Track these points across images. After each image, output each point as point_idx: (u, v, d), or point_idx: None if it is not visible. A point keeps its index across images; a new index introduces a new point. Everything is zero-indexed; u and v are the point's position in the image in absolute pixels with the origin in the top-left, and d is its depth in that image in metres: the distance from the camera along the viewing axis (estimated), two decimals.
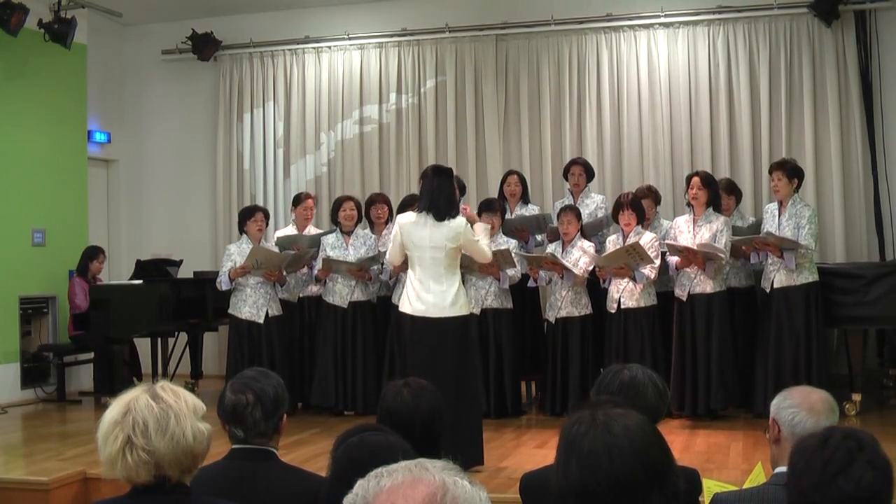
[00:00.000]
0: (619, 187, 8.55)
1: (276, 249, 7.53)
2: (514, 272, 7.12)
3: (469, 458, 5.03)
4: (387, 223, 7.68)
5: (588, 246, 7.12)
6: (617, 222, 7.12)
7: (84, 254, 8.67)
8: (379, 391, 6.24)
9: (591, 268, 7.03)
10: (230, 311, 7.46)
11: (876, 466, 1.94)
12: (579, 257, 7.06)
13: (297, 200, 8.13)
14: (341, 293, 7.48)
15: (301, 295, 7.82)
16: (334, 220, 7.69)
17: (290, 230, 7.96)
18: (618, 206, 7.06)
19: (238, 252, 7.43)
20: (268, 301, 7.42)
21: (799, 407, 2.66)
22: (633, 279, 6.82)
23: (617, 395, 2.83)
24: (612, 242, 7.07)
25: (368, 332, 7.53)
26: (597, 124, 9.05)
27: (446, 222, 5.31)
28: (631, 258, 6.76)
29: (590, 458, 1.67)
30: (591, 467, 1.66)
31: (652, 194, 7.61)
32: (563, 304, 7.12)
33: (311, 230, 7.99)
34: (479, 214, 7.32)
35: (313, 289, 7.79)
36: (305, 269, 7.71)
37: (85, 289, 8.44)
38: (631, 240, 6.86)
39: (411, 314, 5.34)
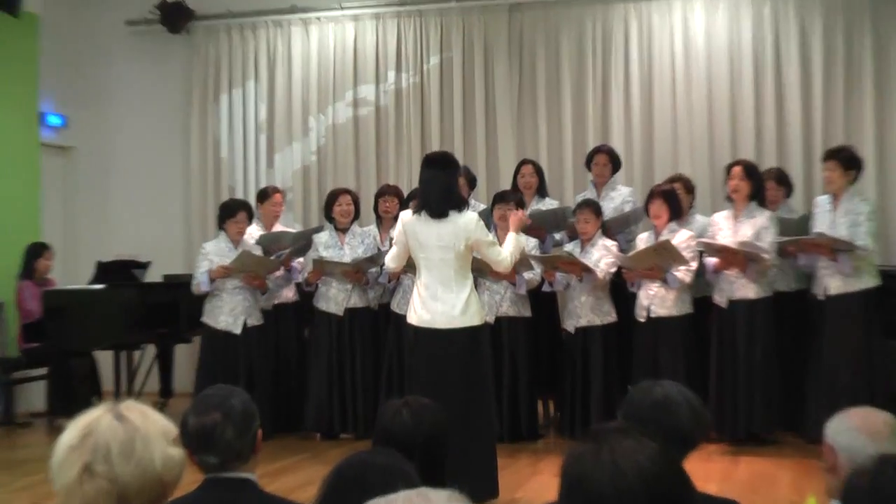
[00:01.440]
0: (650, 179, 8.54)
1: (259, 252, 7.52)
2: (531, 275, 7.11)
3: (482, 489, 5.01)
4: (395, 218, 7.66)
5: (611, 244, 7.11)
6: (649, 216, 7.12)
7: (27, 253, 8.65)
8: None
9: (613, 269, 7.03)
10: (204, 318, 7.46)
11: None
12: (600, 257, 7.05)
13: (264, 196, 8.12)
14: (336, 299, 7.47)
15: (276, 302, 7.79)
16: (328, 215, 7.67)
17: (255, 229, 7.91)
18: (650, 198, 7.06)
19: (215, 251, 7.43)
20: (247, 309, 7.41)
21: (858, 431, 2.66)
22: (665, 282, 6.81)
23: (648, 416, 2.83)
24: (644, 241, 7.06)
25: (368, 342, 7.52)
26: (624, 107, 9.04)
27: (452, 218, 5.26)
28: (661, 258, 6.75)
29: (598, 503, 1.66)
30: None
31: (682, 182, 7.57)
32: (583, 311, 7.11)
33: (278, 228, 7.98)
34: (492, 208, 7.30)
35: (288, 294, 7.78)
36: (281, 271, 7.66)
37: (36, 293, 8.43)
38: (664, 237, 6.86)
39: (416, 325, 5.33)
